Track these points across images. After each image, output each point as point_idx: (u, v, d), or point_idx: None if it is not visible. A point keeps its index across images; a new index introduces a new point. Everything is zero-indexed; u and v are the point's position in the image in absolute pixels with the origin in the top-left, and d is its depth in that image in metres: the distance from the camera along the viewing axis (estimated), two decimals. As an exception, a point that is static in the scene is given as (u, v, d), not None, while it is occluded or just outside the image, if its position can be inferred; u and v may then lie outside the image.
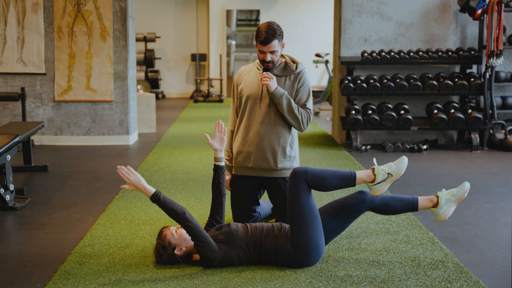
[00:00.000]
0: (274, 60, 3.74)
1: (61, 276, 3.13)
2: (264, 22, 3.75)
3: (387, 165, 3.34)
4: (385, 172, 3.31)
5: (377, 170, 3.32)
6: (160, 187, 5.17)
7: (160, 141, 7.78)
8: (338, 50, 7.80)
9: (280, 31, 3.69)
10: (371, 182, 3.31)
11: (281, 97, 3.72)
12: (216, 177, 3.49)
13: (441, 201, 3.33)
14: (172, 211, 3.13)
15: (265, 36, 3.64)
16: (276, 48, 3.69)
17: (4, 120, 7.39)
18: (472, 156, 6.79)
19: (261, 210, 4.07)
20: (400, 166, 3.32)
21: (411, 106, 7.70)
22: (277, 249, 3.20)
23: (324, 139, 8.01)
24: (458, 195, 3.34)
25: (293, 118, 3.77)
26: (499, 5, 6.99)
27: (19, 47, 7.33)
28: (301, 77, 3.82)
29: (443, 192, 3.37)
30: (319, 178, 3.26)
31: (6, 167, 4.48)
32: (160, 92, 14.52)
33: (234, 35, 14.67)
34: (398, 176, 3.32)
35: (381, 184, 3.31)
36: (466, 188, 3.34)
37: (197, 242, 3.14)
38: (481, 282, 3.05)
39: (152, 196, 3.13)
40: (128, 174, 3.15)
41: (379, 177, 3.30)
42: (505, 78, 7.49)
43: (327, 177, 3.28)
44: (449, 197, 3.34)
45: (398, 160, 3.35)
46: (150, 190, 3.14)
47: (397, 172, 3.31)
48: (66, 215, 4.33)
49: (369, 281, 3.05)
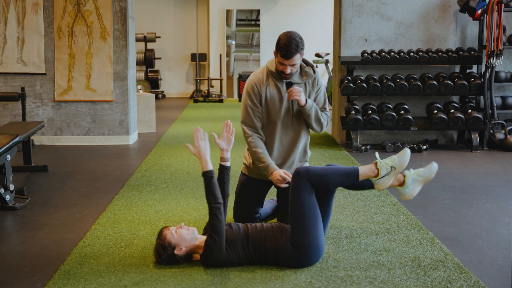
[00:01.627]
0: (293, 72, 3.68)
1: (61, 276, 3.13)
2: (286, 32, 3.60)
3: (390, 158, 3.35)
4: (388, 166, 3.31)
5: (380, 164, 3.32)
6: (160, 187, 5.17)
7: (160, 141, 7.78)
8: (338, 50, 7.80)
9: (302, 44, 3.61)
10: (374, 176, 3.32)
11: (311, 109, 3.71)
12: (221, 177, 3.49)
13: (408, 181, 3.36)
14: (211, 194, 3.17)
15: (287, 50, 3.55)
16: (297, 61, 3.62)
17: (4, 120, 7.39)
18: (472, 156, 6.80)
19: (262, 210, 4.08)
20: (403, 158, 3.32)
21: (411, 106, 7.70)
22: (277, 249, 3.20)
23: (324, 139, 8.01)
24: (425, 175, 3.36)
25: (319, 125, 3.80)
26: (499, 5, 6.99)
27: (19, 47, 7.33)
28: (317, 80, 3.83)
29: (410, 172, 3.38)
30: (322, 177, 3.27)
31: (6, 167, 4.48)
32: (160, 92, 14.52)
33: (234, 35, 14.67)
34: (402, 168, 3.32)
35: (385, 177, 3.31)
36: (433, 169, 3.36)
37: (213, 235, 3.13)
38: (481, 282, 3.05)
39: (205, 172, 3.21)
40: (201, 138, 3.25)
41: (382, 171, 3.31)
42: (505, 78, 7.49)
43: (330, 175, 3.29)
44: (416, 177, 3.36)
45: (401, 152, 3.36)
46: (207, 166, 3.22)
47: (400, 164, 3.31)
48: (66, 215, 4.33)
49: (369, 281, 3.05)
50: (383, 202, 4.64)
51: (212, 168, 3.24)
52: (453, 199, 4.81)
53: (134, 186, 5.20)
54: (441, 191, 5.07)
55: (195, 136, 3.28)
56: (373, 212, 4.35)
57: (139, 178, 5.52)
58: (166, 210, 4.44)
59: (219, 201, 3.17)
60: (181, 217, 4.24)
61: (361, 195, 4.83)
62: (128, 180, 5.44)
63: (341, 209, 4.43)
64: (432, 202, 4.72)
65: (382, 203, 4.60)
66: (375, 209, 4.43)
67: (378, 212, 4.36)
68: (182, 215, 4.31)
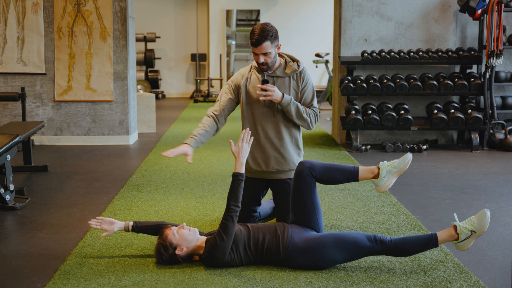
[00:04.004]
0: (267, 62, 3.68)
1: (61, 276, 3.13)
2: (257, 23, 3.71)
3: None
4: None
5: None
6: (160, 187, 5.17)
7: (160, 141, 7.78)
8: (338, 50, 7.80)
9: (272, 33, 3.62)
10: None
11: (288, 105, 3.69)
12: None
13: (382, 173, 3.36)
14: (235, 196, 3.17)
15: (256, 38, 3.61)
16: (269, 49, 3.63)
17: (4, 120, 7.39)
18: (472, 156, 6.79)
19: (261, 210, 4.07)
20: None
21: (411, 106, 7.70)
22: (278, 249, 3.20)
23: (324, 139, 8.01)
24: (400, 167, 3.37)
25: (302, 121, 3.77)
26: (499, 5, 6.99)
27: (19, 47, 7.33)
28: (304, 75, 3.80)
29: (384, 164, 3.39)
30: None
31: (6, 167, 4.48)
32: (160, 92, 14.52)
33: (234, 35, 14.67)
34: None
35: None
36: (408, 160, 3.37)
37: (223, 235, 3.13)
38: (481, 282, 3.05)
39: (237, 173, 3.20)
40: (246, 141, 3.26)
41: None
42: (505, 78, 7.49)
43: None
44: (390, 169, 3.37)
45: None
46: (241, 169, 3.21)
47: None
48: (66, 215, 4.33)
49: (369, 281, 3.05)
50: (383, 202, 4.64)
51: (244, 172, 3.23)
52: (453, 199, 4.81)
53: (134, 186, 5.20)
54: (441, 191, 5.07)
55: (242, 137, 3.28)
56: (373, 212, 4.35)
57: (139, 178, 5.52)
58: (166, 210, 4.44)
59: (238, 205, 3.18)
60: (181, 217, 4.24)
61: (361, 195, 4.83)
62: (128, 180, 5.44)
63: (341, 209, 4.43)
64: (432, 202, 4.72)
65: (382, 203, 4.60)
66: (375, 209, 4.43)
67: (378, 212, 4.36)
68: (182, 215, 4.31)
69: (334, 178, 3.38)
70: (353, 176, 3.37)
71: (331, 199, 4.71)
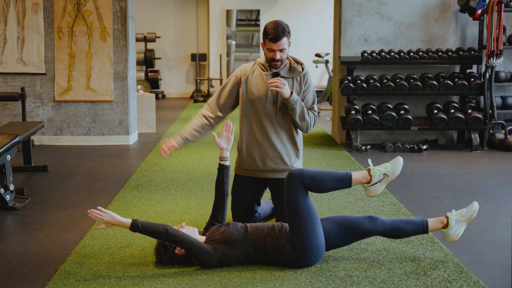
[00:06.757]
0: (283, 58, 3.69)
1: (61, 276, 3.13)
2: (270, 21, 3.69)
3: (383, 166, 3.35)
4: (381, 173, 3.31)
5: (373, 171, 3.32)
6: (160, 187, 5.17)
7: (160, 141, 7.77)
8: (338, 50, 7.80)
9: (288, 29, 3.66)
10: (367, 183, 3.32)
11: (295, 103, 3.68)
12: (221, 176, 3.50)
13: (451, 222, 3.32)
14: (155, 233, 3.12)
15: (275, 33, 3.59)
16: (285, 46, 3.64)
17: (4, 120, 7.39)
18: (472, 156, 6.80)
19: (261, 210, 4.07)
20: (395, 167, 3.34)
21: (411, 106, 7.70)
22: (277, 249, 3.20)
23: (324, 139, 8.01)
24: (468, 215, 3.33)
25: (303, 122, 3.76)
26: (499, 5, 6.99)
27: (19, 47, 7.33)
28: (307, 78, 3.81)
29: (452, 213, 3.35)
30: (315, 180, 3.23)
31: (6, 167, 4.48)
32: (160, 92, 14.52)
33: (234, 35, 14.67)
34: (394, 176, 3.34)
35: (377, 184, 3.32)
36: (475, 208, 3.34)
37: (191, 251, 3.14)
38: (481, 282, 3.06)
39: (131, 227, 3.12)
40: (100, 215, 3.13)
41: (375, 178, 3.31)
42: (505, 78, 7.49)
43: (323, 179, 3.26)
44: (458, 218, 3.33)
45: (393, 160, 3.36)
46: (127, 222, 3.12)
47: (393, 172, 3.34)
48: (66, 215, 4.33)
49: (369, 281, 3.05)
50: (383, 202, 4.64)
51: (130, 220, 3.14)
52: (453, 199, 4.81)
53: (134, 186, 5.20)
54: (441, 191, 5.07)
55: (95, 218, 3.15)
56: (373, 212, 4.35)
57: (139, 178, 5.52)
58: (166, 210, 4.44)
59: (164, 230, 3.12)
60: (181, 217, 4.24)
61: (361, 195, 4.83)
62: (128, 180, 5.44)
63: (341, 209, 4.43)
64: (432, 202, 4.72)
65: (382, 203, 4.60)
66: (375, 209, 4.43)
67: (378, 212, 4.36)
68: (182, 215, 4.31)
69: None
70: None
71: (331, 199, 4.71)
